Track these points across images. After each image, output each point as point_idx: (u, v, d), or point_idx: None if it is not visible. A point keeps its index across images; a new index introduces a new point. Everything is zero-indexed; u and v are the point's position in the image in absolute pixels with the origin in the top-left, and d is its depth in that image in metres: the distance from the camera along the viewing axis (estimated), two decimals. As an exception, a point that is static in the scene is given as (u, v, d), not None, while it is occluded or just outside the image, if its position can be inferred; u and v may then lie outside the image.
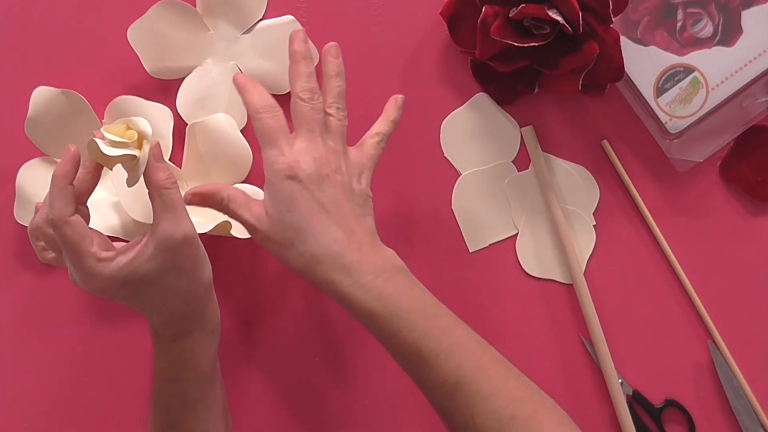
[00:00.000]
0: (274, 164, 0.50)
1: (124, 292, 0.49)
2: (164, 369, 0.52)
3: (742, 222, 0.61)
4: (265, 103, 0.51)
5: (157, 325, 0.51)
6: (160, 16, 0.59)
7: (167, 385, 0.52)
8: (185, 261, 0.49)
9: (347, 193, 0.51)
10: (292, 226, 0.50)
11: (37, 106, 0.57)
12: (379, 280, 0.49)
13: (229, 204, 0.52)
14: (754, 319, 0.60)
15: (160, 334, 0.51)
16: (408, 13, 0.61)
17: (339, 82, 0.53)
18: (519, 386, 0.49)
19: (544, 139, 0.61)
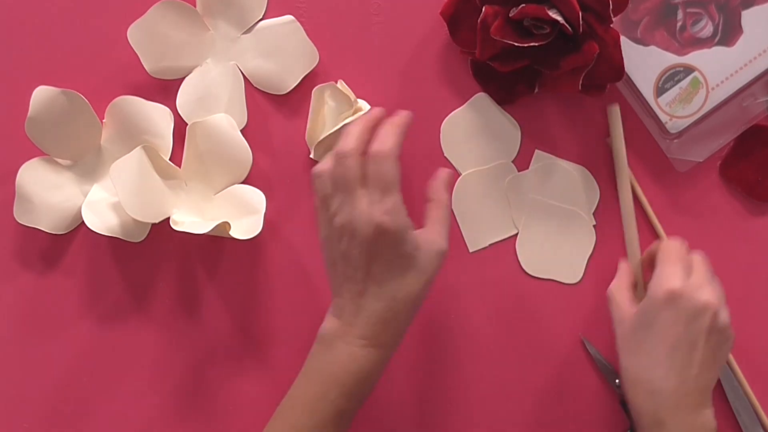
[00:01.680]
0: (663, 285, 0.51)
1: (380, 249, 0.49)
2: (340, 373, 0.50)
3: (742, 222, 0.60)
4: None
5: (371, 319, 0.50)
6: (160, 16, 0.59)
7: (333, 390, 0.49)
8: (435, 271, 0.50)
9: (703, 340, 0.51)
10: (644, 345, 0.52)
11: (38, 106, 0.57)
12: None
13: None
14: (754, 318, 0.60)
15: (365, 334, 0.50)
16: (408, 13, 0.61)
17: None
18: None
19: (544, 139, 0.61)
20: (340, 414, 0.49)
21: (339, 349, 0.50)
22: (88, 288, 0.61)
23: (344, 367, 0.49)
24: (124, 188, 0.56)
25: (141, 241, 0.60)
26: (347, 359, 0.49)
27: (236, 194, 0.60)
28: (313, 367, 0.51)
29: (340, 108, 0.58)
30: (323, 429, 0.49)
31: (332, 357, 0.50)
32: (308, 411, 0.50)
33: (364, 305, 0.50)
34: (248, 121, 0.61)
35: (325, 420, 0.49)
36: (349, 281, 0.50)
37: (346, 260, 0.50)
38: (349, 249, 0.49)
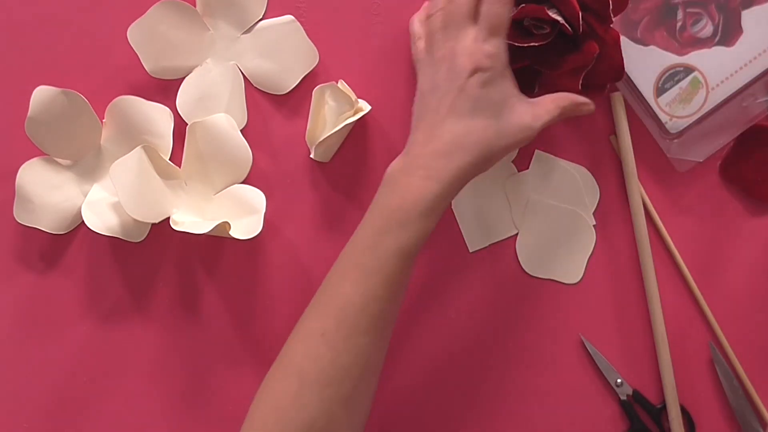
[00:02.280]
0: None
1: (471, 86, 0.49)
2: (400, 204, 0.49)
3: (742, 221, 0.60)
4: None
5: (438, 150, 0.49)
6: (160, 16, 0.59)
7: (393, 223, 0.49)
8: (515, 142, 0.51)
9: None
10: None
11: (38, 106, 0.57)
12: None
13: None
14: (754, 318, 0.60)
15: (429, 164, 0.49)
16: (408, 13, 0.61)
17: None
18: None
19: (544, 139, 0.61)
20: (401, 250, 0.48)
21: (400, 182, 0.50)
22: (88, 288, 0.61)
23: (403, 199, 0.49)
24: (124, 188, 0.56)
25: (141, 241, 0.60)
26: (406, 190, 0.49)
27: (236, 194, 0.60)
28: (376, 205, 0.51)
29: (340, 108, 0.58)
30: (386, 262, 0.48)
31: (393, 192, 0.50)
32: (369, 247, 0.49)
33: (435, 135, 0.50)
34: (248, 121, 0.61)
35: (387, 256, 0.48)
36: (431, 112, 0.50)
37: (436, 91, 0.50)
38: (442, 80, 0.50)
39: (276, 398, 0.49)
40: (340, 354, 0.48)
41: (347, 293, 0.49)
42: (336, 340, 0.48)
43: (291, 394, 0.48)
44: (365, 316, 0.48)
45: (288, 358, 0.50)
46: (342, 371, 0.48)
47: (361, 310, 0.48)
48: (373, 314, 0.48)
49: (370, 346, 0.49)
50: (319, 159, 0.61)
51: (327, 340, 0.48)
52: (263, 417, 0.49)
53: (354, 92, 0.59)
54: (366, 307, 0.48)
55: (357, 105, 0.59)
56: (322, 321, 0.49)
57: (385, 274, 0.48)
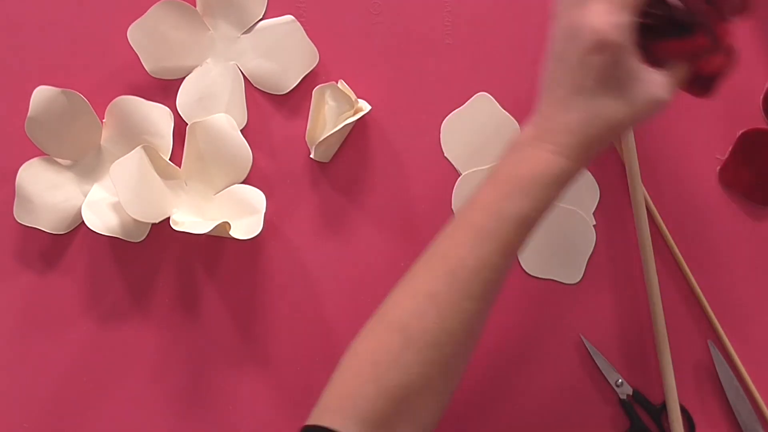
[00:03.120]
0: None
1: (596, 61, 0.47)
2: (526, 174, 0.47)
3: (741, 225, 0.61)
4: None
5: (569, 127, 0.48)
6: (160, 16, 0.59)
7: (517, 191, 0.47)
8: (644, 114, 0.48)
9: None
10: None
11: (38, 106, 0.57)
12: None
13: None
14: (753, 320, 0.60)
15: (559, 140, 0.48)
16: (408, 13, 0.61)
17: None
18: None
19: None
20: (522, 218, 0.47)
21: (528, 153, 0.48)
22: (88, 288, 0.61)
23: (531, 169, 0.48)
24: (124, 188, 0.56)
25: (141, 241, 0.60)
26: (535, 161, 0.48)
27: (236, 194, 0.60)
28: (499, 171, 0.49)
29: (340, 108, 0.58)
30: (505, 229, 0.47)
31: (521, 161, 0.49)
32: (490, 211, 0.48)
33: (562, 111, 0.48)
34: (248, 121, 0.61)
35: (507, 221, 0.47)
36: (556, 84, 0.49)
37: (560, 62, 0.49)
38: (566, 51, 0.48)
39: (374, 352, 0.47)
40: (446, 317, 0.47)
41: (462, 256, 0.47)
42: (445, 302, 0.47)
43: (392, 351, 0.46)
44: (477, 282, 0.47)
45: (393, 314, 0.48)
46: (446, 335, 0.47)
47: (475, 274, 0.47)
48: (486, 280, 0.47)
49: (477, 312, 0.48)
50: (319, 159, 0.61)
51: (436, 302, 0.47)
52: (359, 369, 0.47)
53: (354, 92, 0.59)
54: (480, 271, 0.47)
55: (357, 105, 0.59)
56: (433, 281, 0.48)
57: (503, 241, 0.47)
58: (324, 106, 0.59)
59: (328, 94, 0.59)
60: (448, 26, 0.61)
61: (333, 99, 0.59)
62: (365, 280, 0.61)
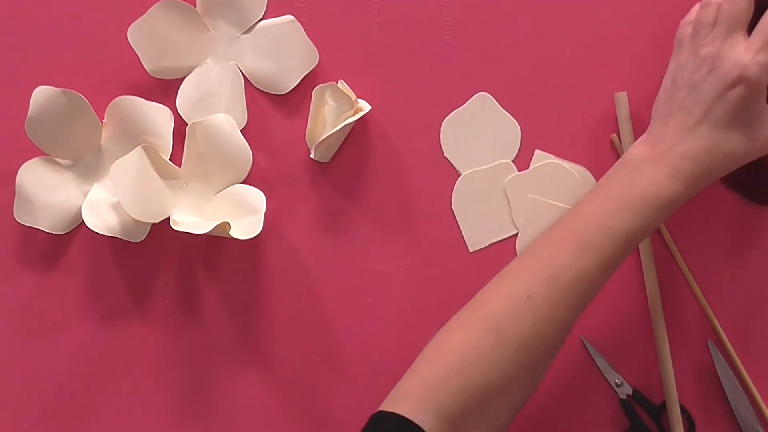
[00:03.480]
0: None
1: (732, 95, 0.48)
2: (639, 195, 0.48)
3: (741, 226, 0.60)
4: None
5: (689, 153, 0.49)
6: (160, 16, 0.59)
7: (628, 209, 0.48)
8: (761, 152, 0.50)
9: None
10: None
11: (38, 106, 0.57)
12: None
13: None
14: (753, 320, 0.60)
15: (676, 165, 0.49)
16: (408, 13, 0.61)
17: None
18: None
19: (544, 138, 0.61)
20: (628, 237, 0.48)
21: (644, 172, 0.49)
22: (88, 288, 0.61)
23: (644, 191, 0.48)
24: (124, 188, 0.56)
25: (141, 241, 0.60)
26: (649, 182, 0.49)
27: (236, 194, 0.60)
28: (610, 186, 0.50)
29: (340, 108, 0.58)
30: (610, 244, 0.48)
31: (634, 179, 0.49)
32: (597, 225, 0.49)
33: (687, 138, 0.49)
34: (248, 121, 0.61)
35: (612, 238, 0.48)
36: (684, 111, 0.50)
37: (693, 90, 0.49)
38: (702, 80, 0.49)
39: (465, 346, 0.48)
40: (540, 322, 0.47)
41: (563, 264, 0.48)
42: (541, 307, 0.47)
43: (481, 348, 0.47)
44: (575, 291, 0.48)
45: (488, 310, 0.49)
46: (537, 339, 0.48)
47: (573, 284, 0.48)
48: (582, 291, 0.48)
49: (569, 321, 0.49)
50: (319, 159, 0.61)
51: (532, 306, 0.47)
52: (446, 362, 0.48)
53: (354, 92, 0.59)
54: (578, 282, 0.48)
55: (357, 105, 0.59)
56: (531, 285, 0.48)
57: (605, 256, 0.48)
58: (324, 106, 0.59)
59: (328, 94, 0.59)
60: (448, 26, 0.61)
61: (333, 99, 0.59)
62: (365, 280, 0.61)
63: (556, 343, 0.49)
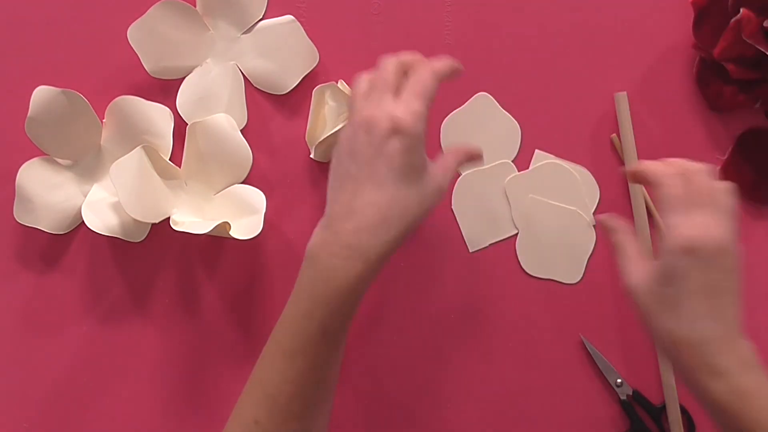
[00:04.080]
0: (677, 237, 0.47)
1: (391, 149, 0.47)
2: (323, 289, 0.47)
3: (742, 225, 0.60)
4: (673, 172, 0.49)
5: (361, 223, 0.47)
6: (160, 16, 0.59)
7: (318, 308, 0.47)
8: (433, 205, 0.49)
9: (732, 280, 0.48)
10: (679, 302, 0.47)
11: (38, 106, 0.57)
12: (741, 376, 0.47)
13: (618, 250, 0.51)
14: (753, 320, 0.60)
15: (351, 242, 0.47)
16: (408, 13, 0.61)
17: None
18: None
19: (544, 139, 0.61)
20: (325, 332, 0.47)
21: (323, 263, 0.48)
22: (88, 288, 0.61)
23: (327, 284, 0.47)
24: (124, 188, 0.56)
25: (141, 241, 0.60)
26: (330, 274, 0.47)
27: (236, 194, 0.60)
28: (300, 286, 0.49)
29: (340, 108, 0.58)
30: (313, 347, 0.47)
31: (316, 273, 0.48)
32: (293, 331, 0.48)
33: (357, 208, 0.47)
34: (248, 121, 0.61)
35: (310, 339, 0.47)
36: (349, 180, 0.48)
37: (353, 157, 0.48)
38: (360, 144, 0.48)
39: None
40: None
41: (276, 381, 0.48)
42: (270, 427, 0.47)
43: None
44: (297, 402, 0.47)
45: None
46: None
47: (293, 396, 0.47)
48: (306, 398, 0.48)
49: (305, 429, 0.48)
50: (319, 159, 0.61)
51: (262, 428, 0.47)
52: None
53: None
54: (297, 393, 0.47)
55: None
56: (255, 409, 0.48)
57: (314, 358, 0.47)
58: (324, 106, 0.59)
59: (328, 94, 0.59)
60: (448, 26, 0.61)
61: (333, 99, 0.59)
62: (365, 280, 0.61)
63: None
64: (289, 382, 0.47)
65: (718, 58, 0.57)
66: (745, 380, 0.46)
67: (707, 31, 0.58)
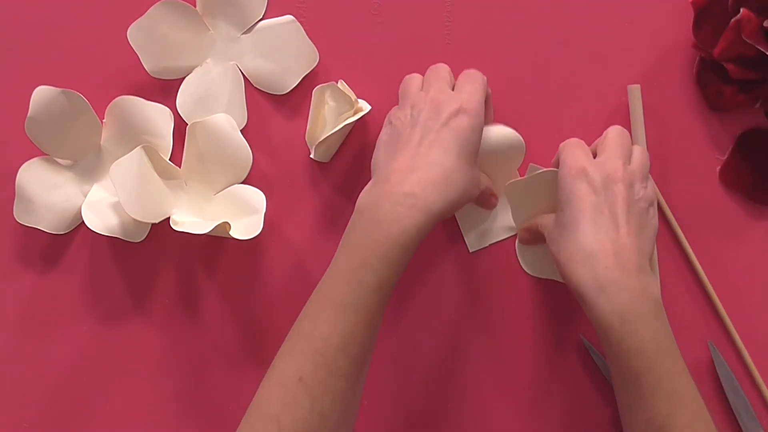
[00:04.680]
0: (570, 164, 0.52)
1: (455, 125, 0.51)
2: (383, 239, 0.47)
3: (741, 225, 0.60)
4: None
5: (424, 178, 0.49)
6: (160, 16, 0.59)
7: (375, 257, 0.47)
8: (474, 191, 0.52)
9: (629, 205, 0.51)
10: (568, 223, 0.51)
11: (38, 106, 0.57)
12: (627, 301, 0.48)
13: None
14: (754, 319, 0.60)
15: (415, 191, 0.48)
16: (408, 13, 0.61)
17: None
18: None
19: (544, 140, 0.61)
20: (382, 284, 0.47)
21: (383, 212, 0.48)
22: (88, 288, 0.61)
23: (387, 233, 0.47)
24: (124, 188, 0.56)
25: (141, 241, 0.60)
26: (391, 222, 0.47)
27: (236, 194, 0.60)
28: (352, 238, 0.49)
29: (340, 108, 0.58)
30: (366, 299, 0.46)
31: (374, 223, 0.48)
32: (347, 282, 0.47)
33: (421, 164, 0.49)
34: (248, 121, 0.61)
35: (367, 290, 0.46)
36: (411, 144, 0.51)
37: (417, 127, 0.51)
38: (425, 119, 0.51)
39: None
40: (318, 399, 0.45)
41: (325, 334, 0.46)
42: (314, 384, 0.45)
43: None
44: (344, 358, 0.46)
45: (265, 404, 0.46)
46: (320, 418, 0.45)
47: (341, 350, 0.46)
48: (353, 355, 0.46)
49: (348, 390, 0.46)
50: (319, 159, 0.61)
51: (305, 385, 0.45)
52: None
53: (354, 92, 0.59)
54: (345, 347, 0.46)
55: (357, 105, 0.59)
56: (299, 364, 0.46)
57: (366, 313, 0.46)
58: (324, 106, 0.59)
59: (328, 94, 0.59)
60: (448, 26, 0.61)
61: (333, 99, 0.59)
62: (365, 280, 0.61)
63: (342, 415, 0.46)
64: (339, 336, 0.46)
65: (718, 58, 0.57)
66: (626, 301, 0.48)
67: (707, 31, 0.58)
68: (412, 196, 0.48)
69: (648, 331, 0.48)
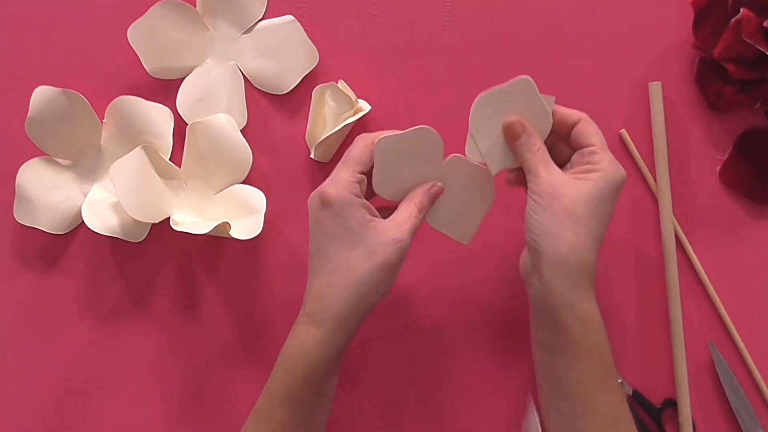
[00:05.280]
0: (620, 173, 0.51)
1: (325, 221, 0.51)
2: (283, 352, 0.50)
3: (741, 225, 0.60)
4: None
5: (312, 294, 0.50)
6: (160, 16, 0.59)
7: (279, 370, 0.51)
8: (390, 258, 0.49)
9: None
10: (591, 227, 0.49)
11: (38, 106, 0.57)
12: None
13: None
14: (755, 319, 0.60)
15: (306, 310, 0.50)
16: (408, 13, 0.61)
17: None
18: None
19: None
20: (284, 393, 0.49)
21: (295, 329, 0.51)
22: (88, 288, 0.61)
23: (287, 347, 0.50)
24: (124, 188, 0.56)
25: (141, 241, 0.60)
26: (291, 338, 0.50)
27: (236, 194, 0.60)
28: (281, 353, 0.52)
29: (340, 108, 0.58)
30: (275, 412, 0.49)
31: (289, 338, 0.51)
32: (264, 394, 0.51)
33: (311, 281, 0.51)
34: (248, 121, 0.61)
35: (274, 402, 0.50)
36: (310, 259, 0.51)
37: (311, 232, 0.51)
38: (311, 220, 0.51)
39: None
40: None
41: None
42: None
43: None
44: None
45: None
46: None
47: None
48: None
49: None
50: (319, 159, 0.61)
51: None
52: None
53: (354, 92, 0.59)
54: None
55: (357, 105, 0.59)
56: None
57: (276, 422, 0.49)
58: (324, 106, 0.59)
59: (328, 94, 0.59)
60: (448, 26, 0.61)
61: (333, 99, 0.59)
62: (365, 280, 0.61)
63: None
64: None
65: (718, 58, 0.57)
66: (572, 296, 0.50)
67: (707, 31, 0.58)
68: (306, 315, 0.50)
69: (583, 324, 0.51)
